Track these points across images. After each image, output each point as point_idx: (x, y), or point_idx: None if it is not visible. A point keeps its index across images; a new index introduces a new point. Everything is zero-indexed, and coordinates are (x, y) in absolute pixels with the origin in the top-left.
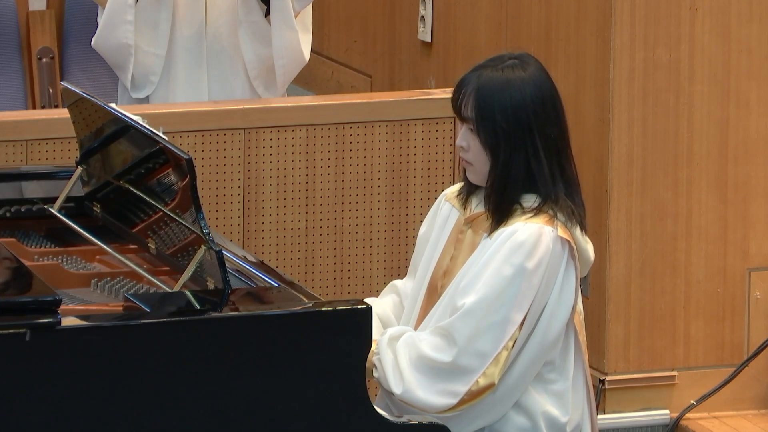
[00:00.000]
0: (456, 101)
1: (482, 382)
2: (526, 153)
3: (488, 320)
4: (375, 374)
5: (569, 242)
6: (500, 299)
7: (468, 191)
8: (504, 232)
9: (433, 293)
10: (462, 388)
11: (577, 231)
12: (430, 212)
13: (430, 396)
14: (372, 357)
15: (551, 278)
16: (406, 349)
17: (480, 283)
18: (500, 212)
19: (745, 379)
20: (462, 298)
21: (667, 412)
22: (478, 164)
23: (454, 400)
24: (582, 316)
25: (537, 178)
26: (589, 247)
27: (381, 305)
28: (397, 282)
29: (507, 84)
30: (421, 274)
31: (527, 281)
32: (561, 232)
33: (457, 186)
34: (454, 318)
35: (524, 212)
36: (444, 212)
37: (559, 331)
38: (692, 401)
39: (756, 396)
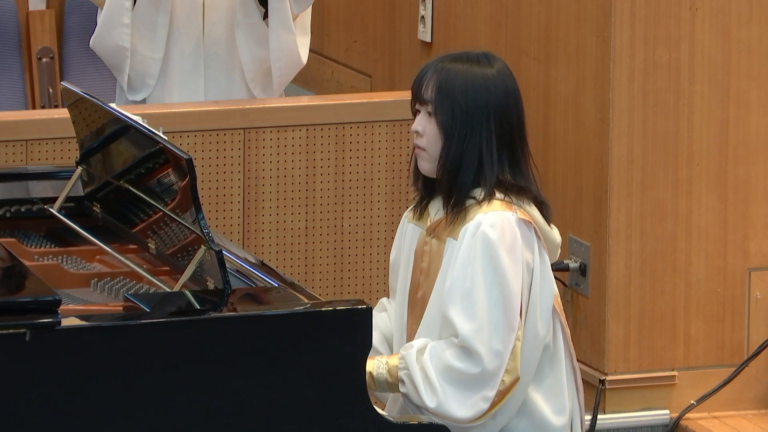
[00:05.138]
0: (416, 84)
1: (507, 379)
2: (480, 137)
3: (494, 320)
4: (402, 389)
5: (531, 222)
6: (493, 296)
7: (424, 201)
8: (468, 228)
9: (413, 310)
10: (491, 392)
11: (535, 212)
12: (396, 238)
13: (465, 409)
14: (399, 372)
15: (528, 259)
16: (432, 361)
17: (467, 287)
18: (454, 200)
19: (745, 379)
20: (452, 305)
21: (667, 412)
22: (432, 150)
23: (486, 405)
24: (559, 299)
25: (485, 164)
26: (549, 230)
27: (383, 320)
28: (384, 300)
29: (470, 70)
30: (400, 298)
31: (510, 270)
32: (521, 214)
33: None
34: (461, 330)
35: (479, 204)
36: (408, 233)
37: (550, 310)
38: (692, 401)
39: (756, 396)
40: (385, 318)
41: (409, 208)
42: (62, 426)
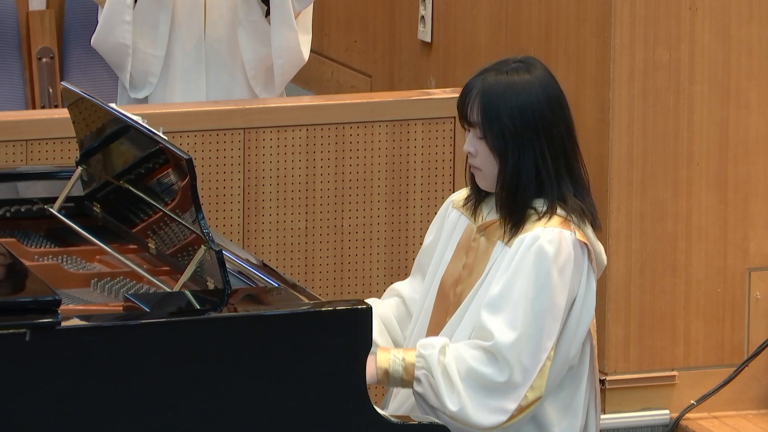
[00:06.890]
0: (461, 107)
1: (531, 396)
2: (534, 154)
3: (530, 334)
4: (418, 388)
5: (587, 245)
6: (535, 311)
7: (477, 199)
8: (525, 239)
9: (443, 301)
10: (512, 405)
11: (590, 231)
12: (436, 220)
13: (482, 414)
14: (416, 371)
15: (575, 283)
16: (455, 363)
17: (513, 298)
18: (514, 217)
19: (745, 379)
20: (494, 313)
21: (667, 412)
22: (487, 169)
23: (504, 417)
24: (594, 320)
25: (544, 179)
26: (601, 250)
27: (383, 307)
28: (398, 285)
29: (512, 86)
30: (428, 283)
31: (558, 289)
32: (579, 235)
33: (464, 192)
34: (498, 337)
35: (539, 216)
36: (452, 219)
37: (584, 335)
38: (692, 401)
39: (756, 396)
40: (393, 305)
41: (456, 194)
42: (62, 426)
